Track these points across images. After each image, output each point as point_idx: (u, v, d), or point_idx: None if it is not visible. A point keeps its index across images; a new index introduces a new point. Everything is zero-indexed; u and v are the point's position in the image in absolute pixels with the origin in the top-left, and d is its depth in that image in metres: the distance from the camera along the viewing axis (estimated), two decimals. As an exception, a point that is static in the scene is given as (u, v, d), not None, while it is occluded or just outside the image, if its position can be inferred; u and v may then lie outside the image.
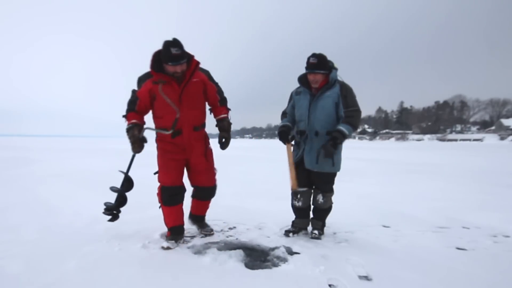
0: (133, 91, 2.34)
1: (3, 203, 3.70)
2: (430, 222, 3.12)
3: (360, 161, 10.04)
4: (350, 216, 3.23)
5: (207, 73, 2.43)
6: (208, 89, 2.42)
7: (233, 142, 2.66)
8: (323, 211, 2.63)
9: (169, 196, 2.38)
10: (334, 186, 2.63)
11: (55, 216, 3.18)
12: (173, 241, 2.36)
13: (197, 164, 2.46)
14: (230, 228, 2.84)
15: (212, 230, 2.69)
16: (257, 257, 2.19)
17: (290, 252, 2.27)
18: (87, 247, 2.28)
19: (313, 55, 2.43)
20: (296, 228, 2.69)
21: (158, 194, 2.42)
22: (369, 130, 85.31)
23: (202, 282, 1.79)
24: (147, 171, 2.82)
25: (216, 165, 2.62)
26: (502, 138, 46.85)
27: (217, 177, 2.63)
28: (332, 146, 2.35)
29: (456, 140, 52.03)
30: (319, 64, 2.40)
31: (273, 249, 2.31)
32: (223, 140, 2.50)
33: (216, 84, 2.49)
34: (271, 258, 2.16)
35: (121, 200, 2.47)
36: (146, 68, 2.32)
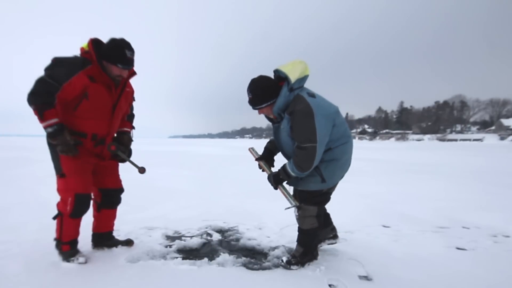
0: (50, 74, 1.80)
1: (3, 203, 3.70)
2: (430, 222, 3.12)
3: (360, 161, 10.03)
4: (350, 216, 3.23)
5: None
6: (131, 103, 2.28)
7: (233, 142, 2.65)
8: (301, 233, 2.08)
9: (81, 206, 1.99)
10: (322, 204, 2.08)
11: (55, 216, 3.18)
12: (83, 257, 2.03)
13: (107, 165, 2.21)
14: (230, 228, 2.84)
15: (132, 241, 2.35)
16: (257, 257, 2.20)
17: (290, 252, 2.27)
18: (87, 247, 2.28)
19: (248, 87, 1.94)
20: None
21: (68, 203, 1.95)
22: (369, 130, 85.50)
23: (202, 282, 1.79)
24: (149, 171, 2.82)
25: (217, 165, 2.58)
26: (502, 138, 46.90)
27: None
28: (274, 182, 1.98)
29: (456, 140, 52.07)
30: (255, 100, 1.93)
31: (273, 249, 2.32)
32: (117, 151, 2.12)
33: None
34: (271, 258, 2.16)
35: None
36: (146, 67, 2.16)
